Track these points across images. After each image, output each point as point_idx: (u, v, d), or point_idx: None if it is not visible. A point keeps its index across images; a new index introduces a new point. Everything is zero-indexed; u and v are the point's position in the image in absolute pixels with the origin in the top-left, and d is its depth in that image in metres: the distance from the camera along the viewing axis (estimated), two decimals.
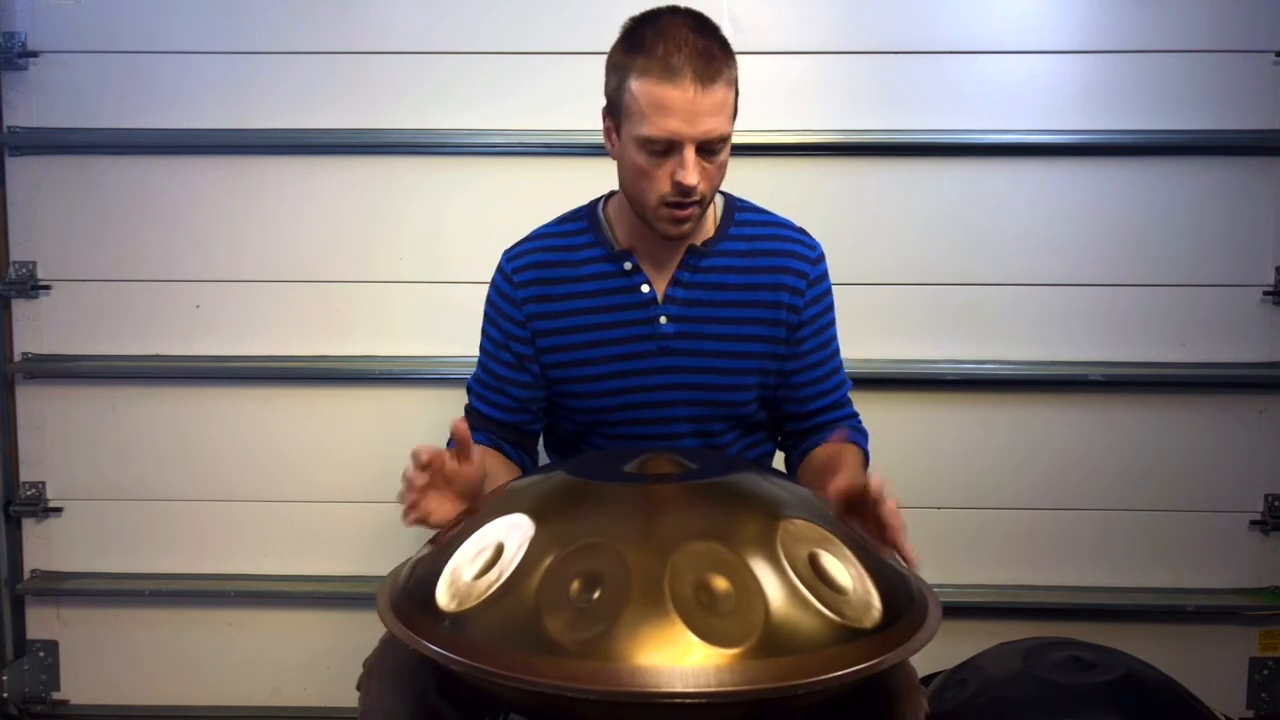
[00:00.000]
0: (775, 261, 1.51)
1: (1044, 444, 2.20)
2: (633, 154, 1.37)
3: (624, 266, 1.50)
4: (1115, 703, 1.41)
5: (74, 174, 2.21)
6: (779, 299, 1.50)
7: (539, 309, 1.51)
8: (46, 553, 2.30)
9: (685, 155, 1.33)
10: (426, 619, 1.00)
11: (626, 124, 1.37)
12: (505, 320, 1.53)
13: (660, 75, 1.32)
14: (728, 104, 1.36)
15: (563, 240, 1.54)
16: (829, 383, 1.57)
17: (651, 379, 1.50)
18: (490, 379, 1.56)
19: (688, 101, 1.31)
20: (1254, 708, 2.23)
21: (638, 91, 1.34)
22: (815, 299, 1.53)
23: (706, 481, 1.12)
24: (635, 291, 1.49)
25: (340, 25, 2.16)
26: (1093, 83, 2.13)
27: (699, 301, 1.49)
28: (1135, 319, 2.17)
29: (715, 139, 1.35)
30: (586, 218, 1.55)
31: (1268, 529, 2.19)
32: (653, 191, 1.38)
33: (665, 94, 1.31)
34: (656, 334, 1.49)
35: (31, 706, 2.31)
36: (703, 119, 1.32)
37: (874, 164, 2.17)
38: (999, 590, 2.19)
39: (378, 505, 2.22)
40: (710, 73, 1.32)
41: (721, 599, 0.93)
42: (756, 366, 1.51)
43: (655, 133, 1.33)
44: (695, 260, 1.49)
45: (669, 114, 1.32)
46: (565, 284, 1.51)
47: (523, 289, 1.52)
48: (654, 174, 1.36)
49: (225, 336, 2.23)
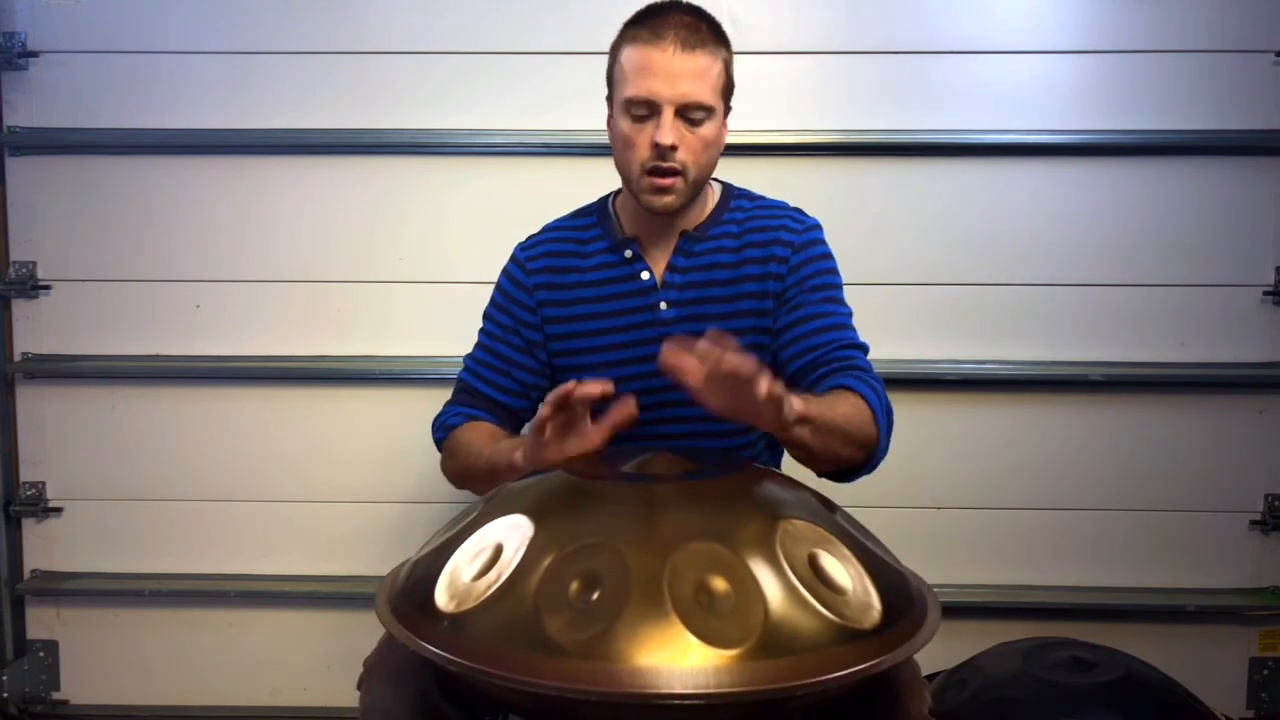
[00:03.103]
0: (766, 236, 1.52)
1: (1044, 444, 2.19)
2: (619, 122, 1.43)
3: (625, 255, 1.53)
4: (1115, 703, 1.41)
5: (74, 174, 2.21)
6: (767, 270, 1.51)
7: (549, 296, 1.55)
8: (46, 553, 2.30)
9: (663, 116, 1.38)
10: (426, 620, 1.00)
11: (615, 94, 1.44)
12: (517, 307, 1.57)
13: (646, 40, 1.40)
14: (710, 75, 1.40)
15: (574, 234, 1.58)
16: (822, 336, 1.47)
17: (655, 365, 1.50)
18: (496, 360, 1.58)
19: (667, 61, 1.37)
20: (1254, 708, 2.22)
21: (624, 59, 1.42)
22: (803, 261, 1.50)
23: (706, 481, 1.12)
24: (636, 279, 1.52)
25: (340, 25, 2.16)
26: (1093, 83, 2.13)
27: (694, 284, 1.51)
28: (1135, 319, 2.17)
29: (694, 104, 1.39)
30: (597, 212, 1.59)
31: (1268, 529, 2.19)
32: (635, 159, 1.42)
33: (646, 55, 1.39)
34: (657, 320, 1.51)
35: (31, 706, 2.31)
36: (682, 81, 1.38)
37: (874, 164, 2.16)
38: (999, 590, 2.19)
39: (378, 505, 2.22)
40: (693, 40, 1.38)
41: (721, 600, 0.93)
42: (752, 342, 1.51)
43: (636, 93, 1.39)
44: (689, 245, 1.52)
45: (649, 75, 1.38)
46: (573, 274, 1.55)
47: (535, 276, 1.56)
48: (636, 140, 1.41)
49: (225, 336, 2.23)
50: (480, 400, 1.58)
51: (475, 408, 1.57)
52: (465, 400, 1.59)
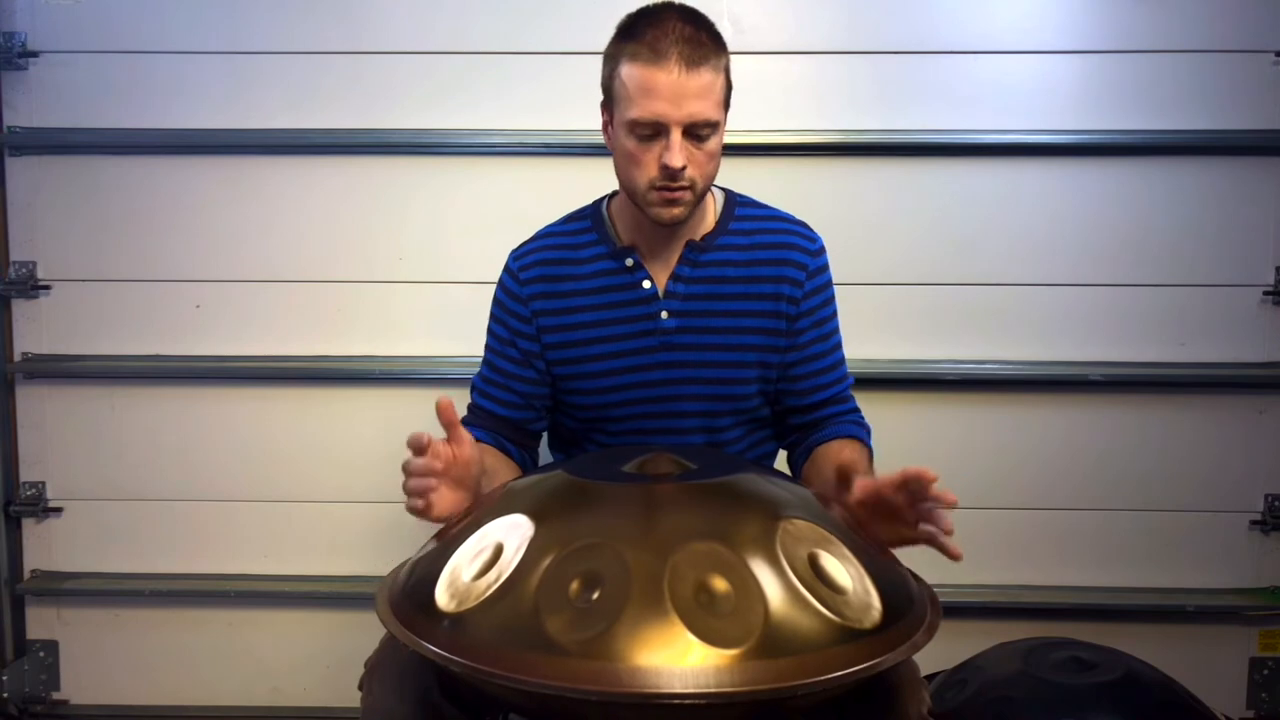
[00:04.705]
0: (776, 254, 1.52)
1: (1044, 444, 2.20)
2: (623, 139, 1.40)
3: (625, 263, 1.51)
4: (1115, 703, 1.41)
5: (74, 174, 2.21)
6: (779, 290, 1.51)
7: (545, 305, 1.53)
8: (46, 553, 2.30)
9: (671, 138, 1.36)
10: (426, 619, 1.00)
11: (617, 110, 1.41)
12: (512, 318, 1.55)
13: (647, 59, 1.35)
14: (715, 89, 1.38)
15: (568, 239, 1.56)
16: (829, 375, 1.56)
17: (654, 374, 1.51)
18: (496, 375, 1.56)
19: (673, 83, 1.34)
20: (1254, 708, 2.23)
21: (626, 76, 1.37)
22: (814, 290, 1.54)
23: (706, 482, 1.12)
24: (637, 288, 1.50)
25: (340, 25, 2.16)
26: (1093, 83, 2.13)
27: (699, 295, 1.50)
28: (1135, 319, 2.17)
29: (701, 123, 1.37)
30: (590, 216, 1.57)
31: (1268, 529, 2.19)
32: (642, 176, 1.40)
33: (651, 76, 1.35)
34: (659, 329, 1.50)
35: (31, 706, 2.31)
36: (688, 101, 1.35)
37: (873, 164, 2.17)
38: (999, 590, 2.20)
39: (377, 505, 2.22)
40: (696, 57, 1.35)
41: (721, 599, 0.93)
42: (757, 359, 1.52)
43: (642, 115, 1.36)
44: (695, 255, 1.50)
45: (655, 96, 1.35)
46: (569, 281, 1.52)
47: (529, 286, 1.53)
48: (642, 158, 1.39)
49: (225, 336, 2.23)
50: (484, 418, 1.55)
51: (480, 427, 1.54)
52: (470, 420, 1.56)
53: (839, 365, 1.58)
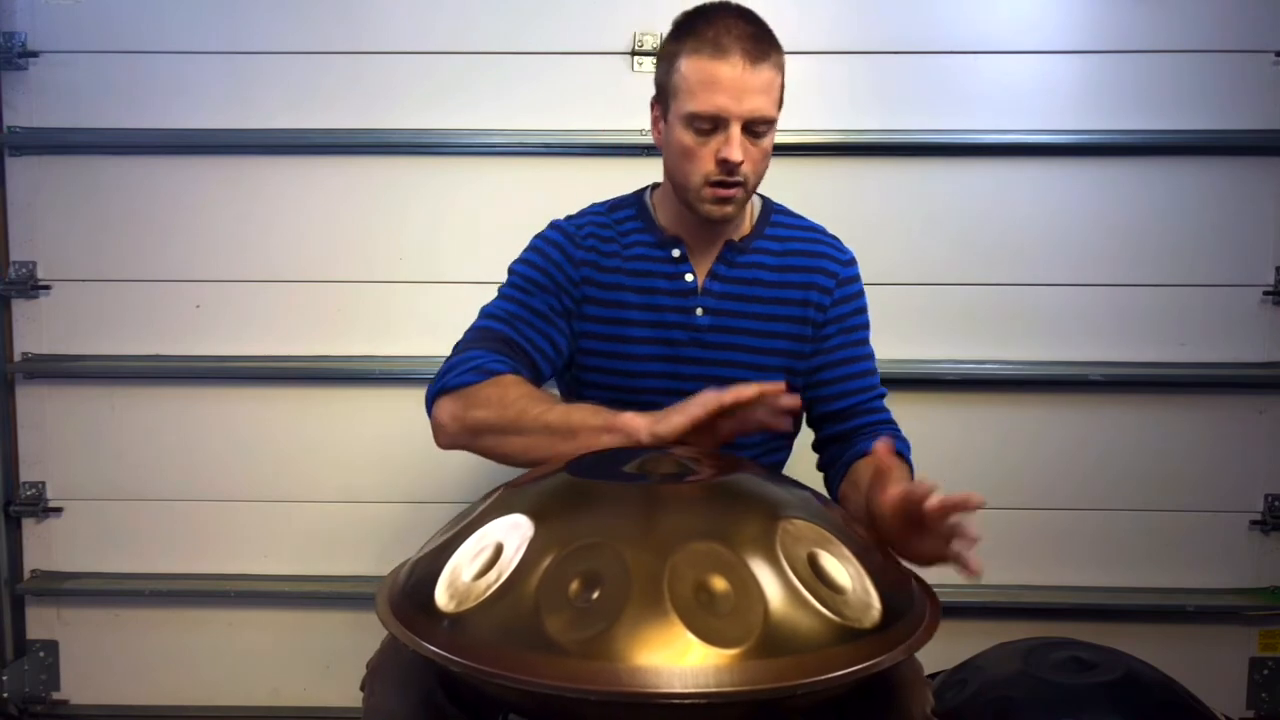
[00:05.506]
0: (807, 262, 1.53)
1: (1043, 444, 2.20)
2: (680, 133, 1.40)
3: (672, 254, 1.51)
4: (1115, 703, 1.41)
5: (74, 174, 2.21)
6: (808, 297, 1.52)
7: (593, 275, 1.51)
8: (46, 553, 2.30)
9: (731, 132, 1.37)
10: (426, 619, 1.00)
11: (675, 104, 1.41)
12: (559, 272, 1.50)
13: (710, 53, 1.36)
14: (774, 87, 1.39)
15: (614, 222, 1.55)
16: (858, 382, 1.56)
17: (682, 367, 1.51)
18: (532, 316, 1.48)
19: (736, 78, 1.35)
20: (1254, 708, 2.23)
21: (687, 70, 1.38)
22: (843, 299, 1.55)
23: (706, 481, 1.12)
24: (679, 279, 1.51)
25: (340, 25, 2.16)
26: (1093, 83, 2.13)
27: (732, 295, 1.51)
28: (1135, 319, 2.17)
29: (759, 119, 1.38)
30: (634, 205, 1.57)
31: (1268, 529, 2.19)
32: (697, 171, 1.40)
33: (714, 69, 1.35)
34: (692, 324, 1.51)
35: (31, 706, 2.31)
36: (750, 96, 1.36)
37: (874, 164, 2.17)
38: (999, 590, 2.19)
39: (377, 505, 2.22)
40: (758, 52, 1.36)
41: (721, 599, 0.93)
42: (782, 364, 1.52)
43: (703, 108, 1.37)
44: (732, 255, 1.51)
45: (717, 90, 1.36)
46: (615, 259, 1.52)
47: (582, 252, 1.52)
48: (700, 152, 1.39)
49: (225, 336, 2.23)
50: (517, 353, 1.45)
51: (515, 359, 1.43)
52: (502, 349, 1.43)
53: (870, 374, 1.58)
